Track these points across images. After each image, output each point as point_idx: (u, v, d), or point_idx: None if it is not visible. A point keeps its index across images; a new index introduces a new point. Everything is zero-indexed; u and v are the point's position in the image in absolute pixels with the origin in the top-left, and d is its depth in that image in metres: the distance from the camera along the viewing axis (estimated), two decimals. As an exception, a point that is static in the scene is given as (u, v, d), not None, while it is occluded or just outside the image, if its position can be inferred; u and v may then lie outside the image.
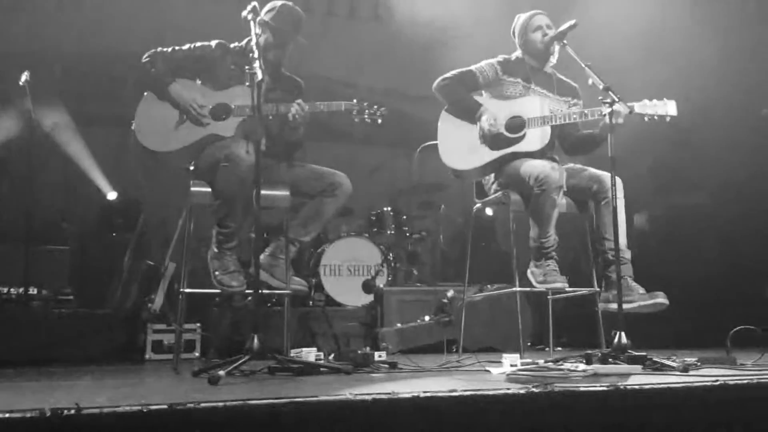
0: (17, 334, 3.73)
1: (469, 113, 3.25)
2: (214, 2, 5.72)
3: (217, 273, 2.95)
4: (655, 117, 2.96)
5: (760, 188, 4.58)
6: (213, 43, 3.19)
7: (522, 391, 1.79)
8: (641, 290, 2.92)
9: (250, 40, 3.03)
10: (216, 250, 2.97)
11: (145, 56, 3.10)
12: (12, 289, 4.01)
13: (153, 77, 3.07)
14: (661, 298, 2.88)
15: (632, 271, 3.02)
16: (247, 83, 2.80)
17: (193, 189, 3.02)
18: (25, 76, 4.23)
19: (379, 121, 3.11)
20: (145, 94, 3.13)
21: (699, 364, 2.49)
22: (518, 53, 3.40)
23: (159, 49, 3.12)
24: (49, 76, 5.26)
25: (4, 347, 3.63)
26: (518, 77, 3.31)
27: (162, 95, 3.07)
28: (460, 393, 1.74)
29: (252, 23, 2.86)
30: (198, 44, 3.18)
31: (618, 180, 3.04)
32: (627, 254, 3.04)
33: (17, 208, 4.81)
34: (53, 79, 5.41)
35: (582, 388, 1.86)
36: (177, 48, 3.14)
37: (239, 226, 3.01)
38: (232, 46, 3.21)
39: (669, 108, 2.96)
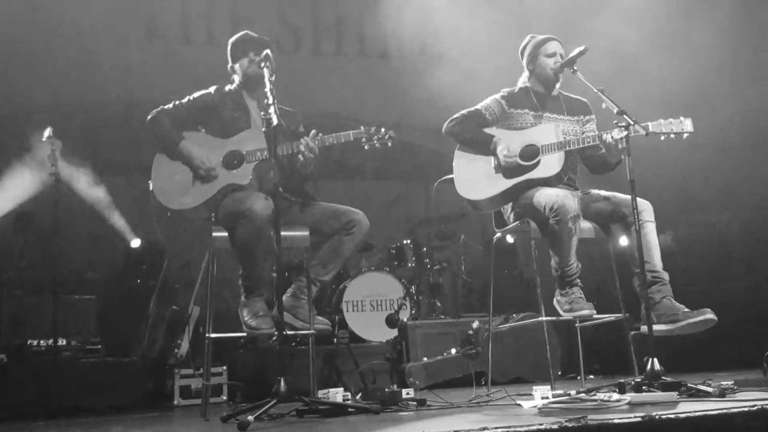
0: (48, 385, 3.77)
1: (483, 147, 3.25)
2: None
3: (246, 319, 2.94)
4: (672, 135, 2.92)
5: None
6: (212, 89, 3.20)
7: (554, 426, 1.76)
8: (685, 309, 2.84)
9: (241, 82, 3.16)
10: (244, 298, 2.98)
11: (149, 117, 3.10)
12: (41, 341, 4.06)
13: (161, 138, 3.07)
14: (709, 314, 2.76)
15: (672, 292, 2.94)
16: (264, 128, 2.83)
17: (214, 234, 3.04)
18: (47, 132, 4.35)
19: (389, 144, 3.05)
20: (157, 154, 3.11)
21: (736, 388, 2.42)
22: (523, 81, 3.38)
23: (161, 107, 3.12)
24: (70, 129, 5.41)
25: (35, 399, 3.67)
26: (525, 108, 3.29)
27: (173, 155, 3.07)
28: (492, 431, 1.72)
29: (265, 70, 2.91)
30: (197, 94, 3.18)
31: (648, 204, 3.03)
32: (665, 276, 2.96)
33: (43, 260, 4.91)
34: (75, 131, 5.56)
35: (616, 421, 1.82)
36: (178, 102, 3.14)
37: (262, 271, 3.02)
38: (226, 89, 3.22)
39: (685, 125, 2.92)
